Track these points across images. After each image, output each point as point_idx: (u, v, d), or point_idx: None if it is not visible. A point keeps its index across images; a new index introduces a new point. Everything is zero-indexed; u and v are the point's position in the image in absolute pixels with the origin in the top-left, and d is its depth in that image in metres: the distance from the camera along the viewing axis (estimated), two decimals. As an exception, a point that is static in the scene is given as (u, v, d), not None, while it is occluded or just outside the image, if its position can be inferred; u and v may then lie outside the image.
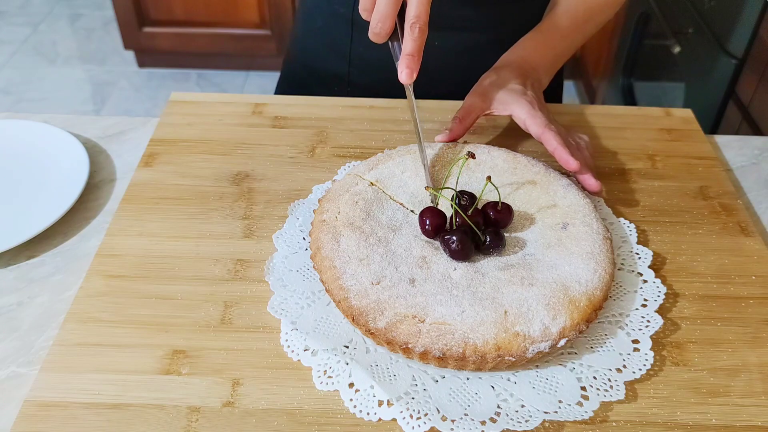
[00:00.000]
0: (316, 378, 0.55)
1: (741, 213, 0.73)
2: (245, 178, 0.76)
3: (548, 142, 0.69)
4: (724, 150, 0.85)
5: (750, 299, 0.64)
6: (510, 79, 0.75)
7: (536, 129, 0.70)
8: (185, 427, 0.53)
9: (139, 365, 0.57)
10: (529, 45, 0.81)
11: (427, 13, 0.61)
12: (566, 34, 0.82)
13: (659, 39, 1.75)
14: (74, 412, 0.53)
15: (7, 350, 0.60)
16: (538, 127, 0.70)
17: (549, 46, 0.81)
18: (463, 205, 0.61)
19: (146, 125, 0.86)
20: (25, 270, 0.67)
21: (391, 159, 0.69)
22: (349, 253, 0.59)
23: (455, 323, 0.54)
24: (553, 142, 0.68)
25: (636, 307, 0.61)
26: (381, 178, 0.67)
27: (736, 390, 0.56)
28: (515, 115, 0.72)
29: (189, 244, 0.68)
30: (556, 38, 0.81)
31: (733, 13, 1.39)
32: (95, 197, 0.75)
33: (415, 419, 0.52)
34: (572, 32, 0.82)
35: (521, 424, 0.52)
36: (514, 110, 0.72)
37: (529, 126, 0.71)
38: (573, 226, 0.62)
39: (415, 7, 0.61)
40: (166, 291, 0.63)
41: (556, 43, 0.81)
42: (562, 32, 0.82)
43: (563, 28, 0.82)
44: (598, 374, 0.56)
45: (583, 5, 0.82)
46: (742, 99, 1.39)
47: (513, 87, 0.74)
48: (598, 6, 0.83)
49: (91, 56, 2.74)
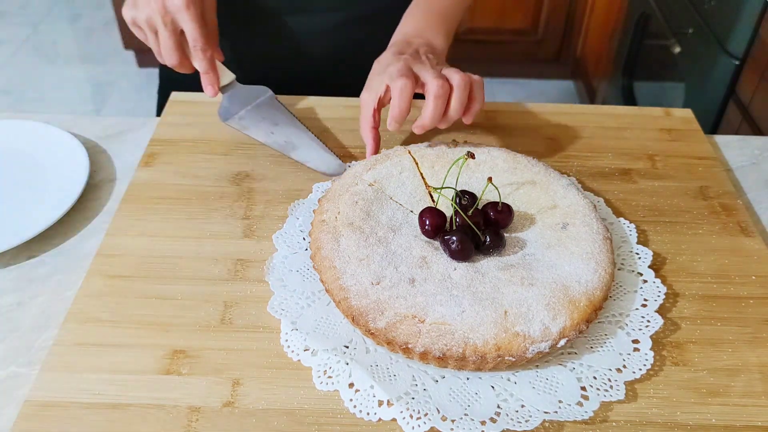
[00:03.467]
0: (316, 378, 0.55)
1: (741, 213, 0.73)
2: (245, 178, 0.76)
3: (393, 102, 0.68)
4: (724, 150, 0.85)
5: (750, 299, 0.64)
6: (390, 57, 0.74)
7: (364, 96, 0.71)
8: (185, 427, 0.53)
9: (139, 365, 0.57)
10: (409, 17, 0.81)
11: (202, 35, 0.71)
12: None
13: (659, 39, 1.75)
14: (74, 412, 0.53)
15: (7, 350, 0.60)
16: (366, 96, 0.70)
17: (429, 9, 0.80)
18: (463, 205, 0.61)
19: (146, 125, 0.86)
20: (25, 270, 0.67)
21: (389, 159, 0.69)
22: (349, 253, 0.59)
23: (455, 323, 0.54)
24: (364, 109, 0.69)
25: (636, 307, 0.61)
26: (379, 178, 0.67)
27: (736, 390, 0.56)
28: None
29: (189, 244, 0.68)
30: (433, 1, 0.81)
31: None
32: (95, 197, 0.75)
33: (415, 419, 0.52)
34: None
35: (521, 424, 0.52)
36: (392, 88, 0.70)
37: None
38: (573, 226, 0.62)
39: (189, 34, 0.71)
40: (166, 291, 0.63)
41: (436, 4, 0.81)
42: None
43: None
44: (598, 374, 0.56)
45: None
46: (742, 99, 1.39)
47: (392, 64, 0.72)
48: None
49: (91, 56, 2.74)
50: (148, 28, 0.73)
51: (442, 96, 0.66)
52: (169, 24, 0.71)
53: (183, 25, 0.71)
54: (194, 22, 0.70)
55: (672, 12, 1.69)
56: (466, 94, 0.68)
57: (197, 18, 0.71)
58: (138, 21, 0.73)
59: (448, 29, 0.80)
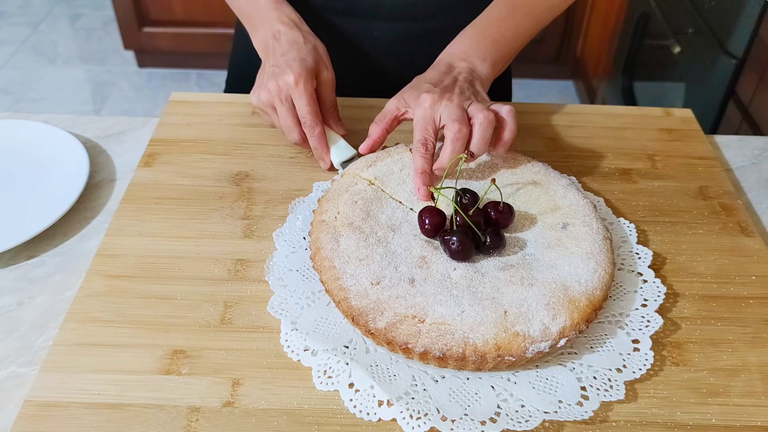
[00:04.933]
0: (316, 378, 0.55)
1: (741, 213, 0.73)
2: (245, 178, 0.76)
3: (414, 159, 0.67)
4: (724, 150, 0.85)
5: (750, 299, 0.64)
6: (429, 78, 0.73)
7: (415, 136, 0.68)
8: (185, 427, 0.53)
9: (139, 365, 0.57)
10: (461, 37, 0.80)
11: (310, 112, 0.73)
12: (505, 18, 0.80)
13: (659, 39, 1.75)
14: (74, 412, 0.53)
15: (7, 350, 0.60)
16: (417, 137, 0.68)
17: (483, 34, 0.79)
18: (464, 204, 0.61)
19: (146, 125, 0.86)
20: (25, 270, 0.67)
21: (390, 156, 0.69)
22: (348, 253, 0.59)
23: (455, 323, 0.54)
24: (415, 161, 0.66)
25: (636, 307, 0.61)
26: (379, 176, 0.67)
27: (736, 390, 0.56)
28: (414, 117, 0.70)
29: (189, 244, 0.68)
30: (492, 24, 0.79)
31: (733, 13, 1.39)
32: (95, 197, 0.75)
33: (415, 419, 0.52)
34: (511, 16, 0.80)
35: (521, 424, 0.52)
36: (413, 113, 0.70)
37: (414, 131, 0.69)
38: (573, 226, 0.62)
39: (298, 110, 0.74)
40: (166, 291, 0.63)
41: (492, 29, 0.79)
42: (499, 17, 0.80)
43: (500, 12, 0.80)
44: (598, 374, 0.56)
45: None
46: (742, 99, 1.39)
47: (423, 86, 0.71)
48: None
49: (91, 56, 2.74)
50: (270, 109, 0.75)
51: (460, 140, 0.65)
52: (284, 102, 0.74)
53: (295, 102, 0.74)
54: (303, 99, 0.73)
55: (672, 12, 1.69)
56: (489, 133, 0.66)
57: (307, 94, 0.73)
58: (262, 104, 0.76)
59: (497, 57, 0.78)
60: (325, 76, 0.77)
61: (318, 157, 0.76)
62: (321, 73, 0.76)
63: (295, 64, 0.73)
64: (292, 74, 0.72)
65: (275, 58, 0.75)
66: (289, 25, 0.78)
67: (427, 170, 0.66)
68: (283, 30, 0.77)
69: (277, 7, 0.80)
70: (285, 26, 0.78)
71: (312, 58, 0.75)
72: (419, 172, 0.66)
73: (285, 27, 0.78)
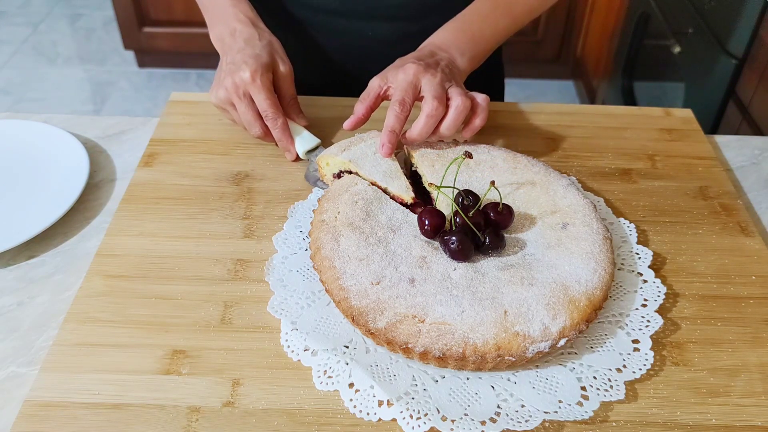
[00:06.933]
0: (316, 378, 0.55)
1: (741, 213, 0.73)
2: (245, 178, 0.76)
3: (388, 116, 0.68)
4: (724, 150, 0.85)
5: (750, 299, 0.64)
6: (413, 57, 0.74)
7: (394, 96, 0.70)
8: (185, 427, 0.53)
9: (139, 365, 0.57)
10: (443, 30, 0.81)
11: (271, 105, 0.74)
12: (485, 15, 0.81)
13: (659, 39, 1.75)
14: (74, 412, 0.53)
15: (7, 350, 0.60)
16: (396, 97, 0.69)
17: (463, 29, 0.80)
18: (465, 205, 0.61)
19: (146, 125, 0.86)
20: (25, 270, 0.67)
21: (363, 141, 0.70)
22: (348, 253, 0.59)
23: (455, 323, 0.54)
24: (388, 119, 0.68)
25: (636, 307, 0.61)
26: (354, 159, 0.68)
27: (736, 390, 0.56)
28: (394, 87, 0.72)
29: (189, 244, 0.68)
30: (474, 20, 0.81)
31: (733, 13, 1.39)
32: (95, 197, 0.75)
33: (415, 419, 0.52)
34: (492, 13, 0.82)
35: (521, 424, 0.52)
36: (395, 80, 0.71)
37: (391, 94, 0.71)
38: (573, 226, 0.62)
39: (258, 105, 0.75)
40: (166, 291, 0.63)
41: (473, 25, 0.81)
42: (480, 14, 0.81)
43: (482, 9, 0.82)
44: (598, 374, 0.56)
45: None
46: (742, 99, 1.39)
47: (408, 61, 0.73)
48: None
49: (91, 56, 2.74)
50: (229, 106, 0.76)
51: (434, 117, 0.68)
52: (243, 98, 0.74)
53: (253, 97, 0.74)
54: (261, 93, 0.74)
55: (672, 12, 1.69)
56: (462, 118, 0.69)
57: (265, 89, 0.74)
58: (221, 102, 0.76)
59: (475, 53, 0.80)
60: (282, 70, 0.77)
61: (283, 148, 0.78)
62: (278, 68, 0.77)
63: (250, 60, 0.74)
64: (248, 70, 0.73)
65: (231, 55, 0.76)
66: (245, 23, 0.79)
67: (397, 131, 0.68)
68: (239, 28, 0.78)
69: (235, 4, 0.80)
70: (241, 24, 0.78)
71: (267, 53, 0.76)
72: (389, 129, 0.67)
73: (241, 25, 0.78)
